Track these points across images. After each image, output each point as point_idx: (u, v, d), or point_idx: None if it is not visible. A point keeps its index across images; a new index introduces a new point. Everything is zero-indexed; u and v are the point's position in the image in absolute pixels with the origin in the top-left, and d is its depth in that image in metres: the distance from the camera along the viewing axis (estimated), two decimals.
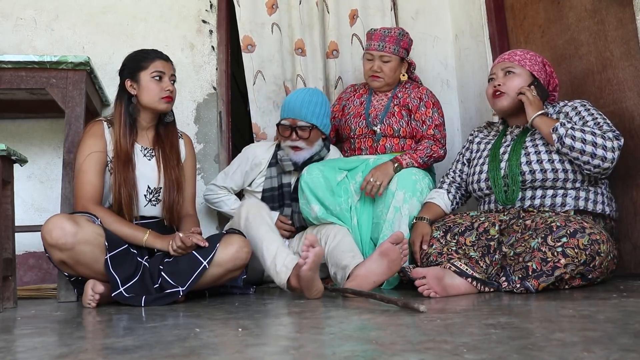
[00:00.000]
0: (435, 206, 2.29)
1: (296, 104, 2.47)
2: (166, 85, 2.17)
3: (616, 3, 2.20)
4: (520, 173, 2.07)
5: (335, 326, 1.20)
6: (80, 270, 1.91)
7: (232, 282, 2.08)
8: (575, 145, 1.92)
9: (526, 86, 2.14)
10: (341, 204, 2.43)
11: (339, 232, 2.29)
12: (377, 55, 2.65)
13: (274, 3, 3.12)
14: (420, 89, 2.71)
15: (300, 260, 1.81)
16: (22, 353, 1.03)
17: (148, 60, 2.17)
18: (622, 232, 2.21)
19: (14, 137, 2.89)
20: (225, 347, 1.01)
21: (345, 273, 2.02)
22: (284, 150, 2.53)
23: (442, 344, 0.93)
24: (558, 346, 0.87)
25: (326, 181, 2.41)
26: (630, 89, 2.16)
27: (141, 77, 2.15)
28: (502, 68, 2.22)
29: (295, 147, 2.49)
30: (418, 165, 2.49)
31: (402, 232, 1.95)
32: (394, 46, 2.65)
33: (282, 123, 2.52)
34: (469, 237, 1.99)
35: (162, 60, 2.19)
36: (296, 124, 2.47)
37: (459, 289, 1.80)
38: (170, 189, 2.18)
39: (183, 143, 2.34)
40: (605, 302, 1.40)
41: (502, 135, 2.27)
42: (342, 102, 2.85)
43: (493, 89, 2.21)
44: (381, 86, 2.69)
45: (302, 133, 2.48)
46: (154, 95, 2.15)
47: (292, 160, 2.51)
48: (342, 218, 2.42)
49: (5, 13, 2.96)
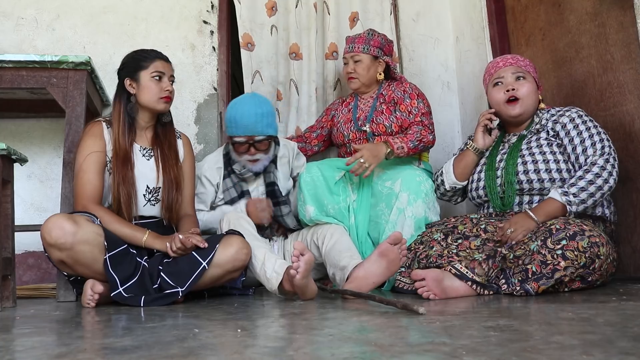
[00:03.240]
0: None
1: (250, 120, 2.38)
2: (165, 85, 2.17)
3: (617, 6, 2.20)
4: (517, 181, 2.07)
5: (334, 327, 1.20)
6: (79, 269, 1.91)
7: (232, 283, 2.08)
8: (588, 204, 1.93)
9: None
10: (339, 203, 2.43)
11: (335, 231, 2.28)
12: (349, 57, 2.74)
13: (274, 5, 3.13)
14: (404, 84, 2.75)
15: (292, 271, 1.81)
16: (21, 352, 1.02)
17: (148, 60, 2.17)
18: (621, 235, 2.21)
19: (15, 137, 2.89)
20: (224, 347, 1.01)
21: (343, 274, 2.02)
22: (239, 163, 2.47)
23: (441, 346, 0.93)
24: (557, 349, 0.87)
25: (325, 180, 2.42)
26: (631, 92, 2.16)
27: (141, 76, 2.15)
28: (512, 72, 2.20)
29: (254, 160, 2.44)
30: (408, 149, 2.49)
31: (400, 233, 1.94)
32: (363, 45, 2.72)
33: (237, 141, 2.41)
34: (474, 241, 1.99)
35: (162, 61, 2.19)
36: (253, 139, 2.41)
37: (459, 291, 1.80)
38: (169, 189, 2.18)
39: (181, 143, 2.34)
40: (605, 305, 1.40)
41: (499, 142, 2.27)
42: (331, 112, 2.90)
43: (506, 94, 2.18)
44: (358, 87, 2.75)
45: (260, 146, 2.43)
46: (153, 95, 2.15)
47: (252, 170, 2.47)
48: (340, 217, 2.42)
49: (6, 12, 2.96)
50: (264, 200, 2.45)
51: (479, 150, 2.28)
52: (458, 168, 2.33)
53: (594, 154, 1.98)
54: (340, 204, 2.44)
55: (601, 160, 1.95)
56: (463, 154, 2.33)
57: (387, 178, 2.45)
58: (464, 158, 2.32)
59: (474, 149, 2.28)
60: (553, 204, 1.93)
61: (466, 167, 2.31)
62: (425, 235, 2.15)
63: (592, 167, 1.95)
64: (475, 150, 2.28)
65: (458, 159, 2.34)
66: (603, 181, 1.92)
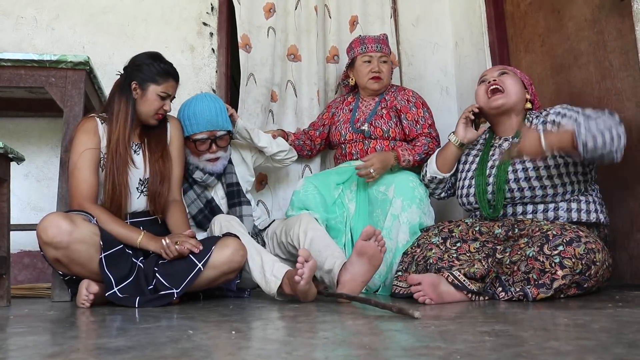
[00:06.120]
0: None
1: (211, 114, 2.35)
2: (166, 106, 2.18)
3: (616, 13, 2.21)
4: (509, 190, 2.06)
5: (328, 331, 1.20)
6: (74, 269, 1.90)
7: (226, 285, 2.07)
8: (598, 142, 1.74)
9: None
10: (336, 219, 2.46)
11: (308, 227, 2.22)
12: (375, 57, 2.72)
13: (272, 7, 3.13)
14: (406, 91, 2.77)
15: (297, 277, 1.80)
16: (14, 351, 1.02)
17: (164, 77, 2.14)
18: (618, 242, 2.21)
19: (12, 135, 2.89)
20: (218, 349, 1.00)
21: (331, 277, 2.01)
22: (198, 168, 2.43)
23: (436, 350, 0.93)
24: (552, 354, 0.87)
25: (322, 198, 2.44)
26: (629, 99, 2.16)
27: (149, 88, 2.13)
28: (496, 70, 2.24)
29: (214, 158, 2.41)
30: (414, 161, 2.51)
31: (371, 227, 1.92)
32: (388, 48, 2.79)
33: (198, 138, 2.37)
34: (473, 244, 1.99)
35: (174, 82, 2.19)
36: (215, 135, 2.38)
37: (455, 296, 1.79)
38: (154, 180, 2.16)
39: (169, 126, 2.31)
40: (600, 311, 1.40)
41: (488, 146, 2.25)
42: (332, 109, 2.91)
43: (488, 85, 2.18)
44: (380, 88, 2.74)
45: (221, 142, 2.41)
46: (151, 110, 2.15)
47: (212, 173, 2.43)
48: (335, 232, 2.43)
49: (6, 11, 2.96)
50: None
51: (460, 142, 2.28)
52: (440, 159, 2.34)
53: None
54: (337, 218, 2.46)
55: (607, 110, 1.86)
56: (445, 146, 2.35)
57: (381, 183, 2.46)
58: (445, 150, 2.33)
59: (455, 140, 2.28)
60: (564, 132, 1.81)
61: (446, 158, 2.32)
62: (422, 238, 2.14)
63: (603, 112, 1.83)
64: (456, 142, 2.28)
65: (440, 150, 2.37)
66: (616, 124, 1.75)
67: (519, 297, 1.74)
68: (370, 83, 2.72)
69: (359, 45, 2.75)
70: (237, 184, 2.51)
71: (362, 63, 2.74)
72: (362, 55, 2.74)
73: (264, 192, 2.98)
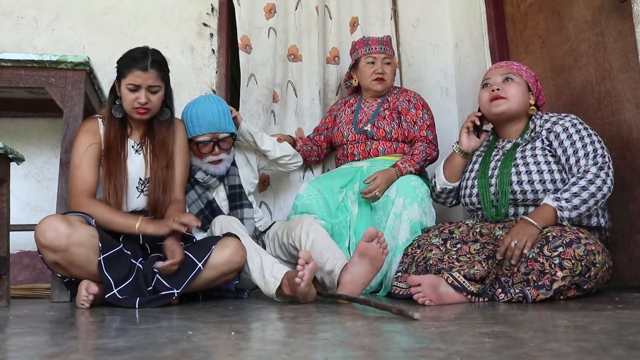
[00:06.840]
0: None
1: (214, 116, 2.35)
2: (140, 98, 2.08)
3: (616, 15, 2.21)
4: (511, 191, 2.06)
5: (328, 332, 1.20)
6: (73, 271, 1.90)
7: (225, 285, 2.07)
8: (582, 211, 1.87)
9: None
10: (340, 223, 2.46)
11: (310, 229, 2.21)
12: (379, 58, 2.72)
13: (272, 7, 3.13)
14: (408, 92, 2.77)
15: (297, 279, 1.80)
16: (13, 352, 1.02)
17: (128, 68, 2.08)
18: (618, 244, 2.21)
19: (12, 136, 2.89)
20: (217, 350, 1.00)
21: (332, 278, 2.01)
22: (200, 169, 2.43)
23: (435, 351, 0.93)
24: (552, 356, 0.87)
25: (325, 203, 2.44)
26: (629, 101, 2.16)
27: (122, 84, 2.10)
28: (501, 74, 2.20)
29: (217, 160, 2.41)
30: (415, 170, 2.52)
31: (374, 228, 1.92)
32: (392, 49, 2.80)
33: (201, 140, 2.36)
34: (473, 245, 1.99)
35: (140, 71, 2.06)
36: (218, 137, 2.38)
37: (455, 297, 1.80)
38: (156, 188, 2.16)
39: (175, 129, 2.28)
40: (600, 313, 1.40)
41: (491, 148, 2.25)
42: (334, 112, 2.91)
43: (491, 94, 2.17)
44: (383, 89, 2.75)
45: (224, 144, 2.41)
46: (127, 105, 2.11)
47: (215, 175, 2.43)
48: (338, 236, 2.43)
49: (6, 12, 2.96)
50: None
51: (464, 152, 2.27)
52: (447, 169, 2.34)
53: (586, 163, 1.95)
54: (340, 223, 2.46)
55: (594, 168, 1.92)
56: (450, 156, 2.34)
57: None
58: (451, 160, 2.33)
59: (458, 150, 2.28)
60: (547, 210, 1.88)
61: (453, 168, 2.31)
62: (422, 239, 2.14)
63: (585, 174, 1.92)
64: (460, 152, 2.28)
65: (447, 160, 2.36)
66: (596, 189, 1.89)
67: (518, 298, 1.74)
68: (374, 84, 2.72)
69: (363, 47, 2.75)
70: (240, 187, 2.50)
71: (365, 64, 2.74)
72: (365, 56, 2.74)
73: (266, 193, 2.98)
